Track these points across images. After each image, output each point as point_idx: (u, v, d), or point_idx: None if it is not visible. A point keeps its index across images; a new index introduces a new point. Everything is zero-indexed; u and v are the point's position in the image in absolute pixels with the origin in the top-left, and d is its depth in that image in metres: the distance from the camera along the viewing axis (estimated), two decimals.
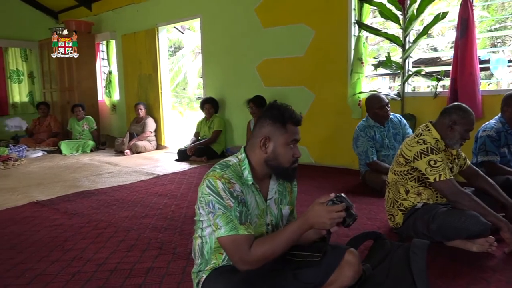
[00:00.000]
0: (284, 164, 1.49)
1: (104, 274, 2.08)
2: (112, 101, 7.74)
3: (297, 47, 5.01)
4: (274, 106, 1.53)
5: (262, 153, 1.50)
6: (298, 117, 1.51)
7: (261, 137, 1.49)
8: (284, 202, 1.62)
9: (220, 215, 1.38)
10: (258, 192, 1.52)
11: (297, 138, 1.51)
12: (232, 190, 1.41)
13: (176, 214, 3.11)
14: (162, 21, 6.58)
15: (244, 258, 1.36)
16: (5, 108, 8.00)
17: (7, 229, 2.87)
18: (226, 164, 1.49)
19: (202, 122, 6.05)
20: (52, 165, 5.60)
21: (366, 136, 3.63)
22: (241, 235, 1.36)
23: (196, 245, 1.53)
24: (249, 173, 1.49)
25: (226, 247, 1.39)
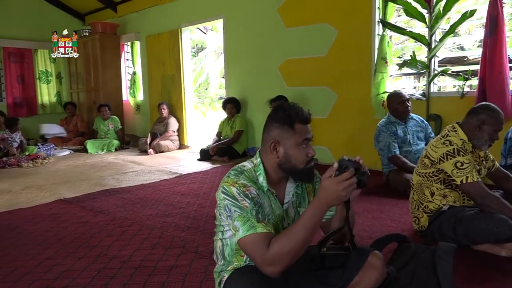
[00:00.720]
0: (299, 165, 1.42)
1: (129, 271, 2.12)
2: (136, 101, 7.87)
3: (319, 46, 4.97)
4: (279, 108, 1.47)
5: (274, 158, 1.44)
6: (305, 115, 1.43)
7: (270, 142, 1.43)
8: (303, 205, 1.56)
9: (237, 217, 1.34)
10: (274, 197, 1.47)
11: (308, 137, 1.43)
12: (248, 193, 1.37)
13: (199, 213, 3.14)
14: (185, 22, 6.66)
15: (265, 257, 1.27)
16: (34, 108, 8.26)
17: (36, 226, 2.97)
18: (240, 170, 1.45)
19: (224, 122, 6.08)
20: (79, 163, 5.74)
21: (388, 131, 3.64)
22: (259, 233, 1.29)
23: (217, 248, 1.52)
24: (264, 179, 1.44)
25: (247, 249, 1.33)
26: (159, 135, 6.63)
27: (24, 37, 7.98)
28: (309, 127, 1.45)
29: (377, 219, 2.87)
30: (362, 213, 3.00)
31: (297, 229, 1.28)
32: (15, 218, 3.17)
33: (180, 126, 6.86)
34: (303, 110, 1.44)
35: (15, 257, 2.35)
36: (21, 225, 2.99)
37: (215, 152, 5.60)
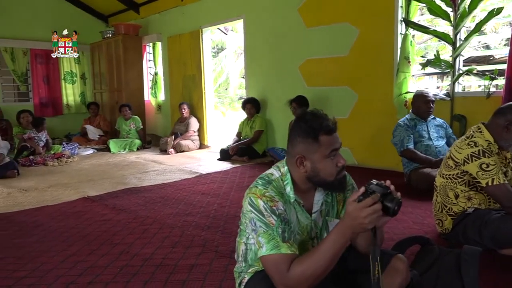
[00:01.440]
0: (328, 178, 1.36)
1: (150, 268, 2.15)
2: (158, 101, 7.98)
3: (340, 46, 4.93)
4: (301, 119, 1.39)
5: (302, 172, 1.38)
6: (330, 126, 1.34)
7: (296, 157, 1.37)
8: (331, 214, 1.50)
9: (262, 233, 1.30)
10: (300, 207, 1.42)
11: (336, 147, 1.35)
12: (275, 209, 1.32)
13: (219, 213, 3.16)
14: (206, 23, 6.70)
15: (284, 279, 1.24)
16: (59, 108, 8.47)
17: (61, 223, 3.04)
18: (268, 179, 1.41)
19: (244, 122, 6.10)
20: (102, 162, 5.85)
21: (404, 126, 3.68)
22: (283, 254, 1.26)
23: (240, 250, 1.50)
24: (291, 190, 1.39)
25: (268, 268, 1.29)
26: (180, 134, 6.70)
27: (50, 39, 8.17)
28: (335, 136, 1.36)
29: (398, 220, 2.82)
30: None
31: (319, 255, 1.23)
32: (41, 215, 3.26)
33: (200, 126, 6.92)
34: (327, 120, 1.36)
35: (41, 253, 2.42)
36: (47, 222, 3.07)
37: (235, 152, 5.62)
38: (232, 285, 1.85)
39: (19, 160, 5.70)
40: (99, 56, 8.35)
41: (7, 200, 3.77)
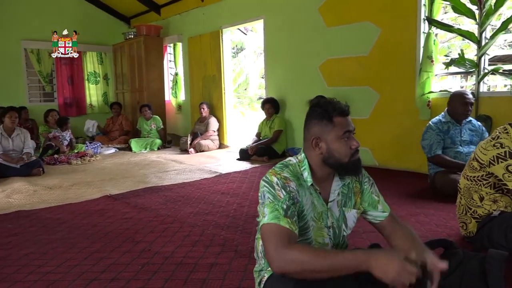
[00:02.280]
0: (343, 159, 1.42)
1: (171, 267, 2.17)
2: (178, 101, 8.06)
3: (362, 46, 4.88)
4: (316, 104, 1.48)
5: (317, 154, 1.44)
6: (343, 107, 1.42)
7: (312, 138, 1.45)
8: (349, 205, 1.53)
9: (267, 204, 1.36)
10: (317, 194, 1.46)
11: (349, 129, 1.42)
12: (286, 185, 1.38)
13: (238, 213, 3.17)
14: (226, 23, 6.74)
15: (278, 251, 1.23)
16: (83, 108, 8.66)
17: (84, 220, 3.11)
18: (285, 164, 1.48)
19: (263, 122, 6.11)
20: (123, 161, 5.95)
21: (436, 129, 3.46)
22: (282, 226, 1.29)
23: (259, 246, 1.52)
24: (308, 174, 1.45)
25: (265, 236, 1.31)
26: (199, 134, 6.75)
27: None
28: (349, 119, 1.44)
29: (421, 223, 2.77)
30: (405, 216, 2.92)
31: (324, 260, 1.19)
32: (65, 212, 3.34)
33: (220, 126, 6.96)
34: (340, 103, 1.44)
35: (66, 250, 2.48)
36: (71, 219, 3.14)
37: (254, 152, 5.63)
38: (252, 285, 1.85)
39: (44, 158, 5.85)
40: (121, 57, 8.50)
41: (33, 197, 3.88)
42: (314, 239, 1.47)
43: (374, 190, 1.58)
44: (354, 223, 1.57)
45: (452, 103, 3.51)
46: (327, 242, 1.49)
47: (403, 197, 3.45)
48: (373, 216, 1.57)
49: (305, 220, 1.43)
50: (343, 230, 1.54)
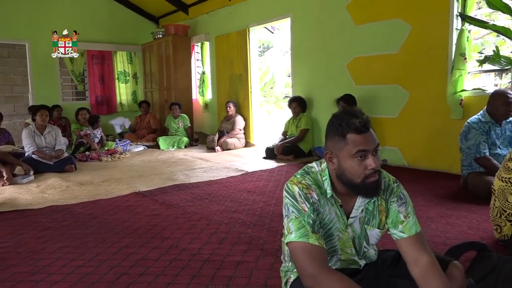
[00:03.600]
0: (354, 179, 1.31)
1: (198, 263, 2.20)
2: (205, 100, 8.14)
3: (391, 43, 4.78)
4: (334, 116, 1.37)
5: (331, 168, 1.37)
6: (357, 124, 1.28)
7: (326, 152, 1.38)
8: (372, 223, 1.44)
9: (293, 219, 1.32)
10: (337, 206, 1.40)
11: (364, 148, 1.28)
12: (309, 196, 1.34)
13: (264, 211, 3.18)
14: (253, 22, 6.75)
15: (314, 273, 1.23)
16: (113, 107, 8.87)
17: (114, 216, 3.19)
18: (307, 171, 1.43)
19: (289, 121, 6.09)
20: (151, 159, 6.07)
21: (480, 129, 3.31)
22: (311, 244, 1.27)
23: (285, 250, 1.51)
24: (328, 186, 1.38)
25: (295, 253, 1.29)
26: (226, 133, 6.79)
27: (105, 40, 8.62)
28: (366, 137, 1.29)
29: (452, 225, 2.70)
30: (435, 218, 2.85)
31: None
32: (96, 208, 3.44)
33: (246, 124, 6.98)
34: (357, 119, 1.29)
35: (97, 244, 2.55)
36: (102, 214, 3.23)
37: (281, 151, 5.62)
38: (278, 284, 1.85)
39: (76, 155, 6.03)
40: (150, 56, 8.65)
41: (65, 193, 4.01)
42: (340, 249, 1.43)
43: (403, 210, 1.42)
44: (377, 241, 1.49)
45: (492, 102, 3.34)
46: (354, 252, 1.45)
47: (433, 198, 3.36)
48: (392, 232, 1.44)
49: (328, 230, 1.39)
50: (364, 247, 1.47)
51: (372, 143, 1.30)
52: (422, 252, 1.34)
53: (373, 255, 1.52)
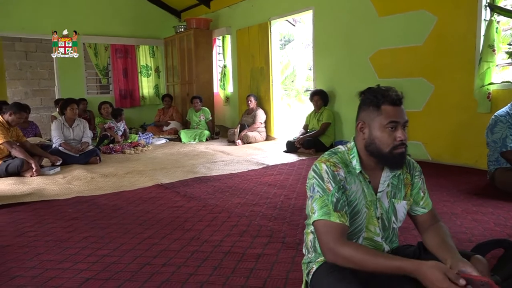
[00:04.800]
0: (383, 148, 1.39)
1: (219, 255, 2.22)
2: (226, 93, 8.17)
3: (415, 35, 4.68)
4: (369, 89, 1.45)
5: (361, 139, 1.44)
6: (393, 96, 1.37)
7: (358, 122, 1.46)
8: (399, 196, 1.51)
9: (317, 198, 1.39)
10: (366, 182, 1.46)
11: (396, 120, 1.37)
12: (336, 173, 1.40)
13: (285, 204, 3.18)
14: (274, 15, 6.71)
15: (332, 246, 1.32)
16: (136, 100, 9.01)
17: (137, 207, 3.25)
18: (334, 151, 1.50)
19: (311, 114, 6.05)
20: (173, 151, 6.14)
21: (507, 123, 3.20)
22: (332, 221, 1.34)
23: (309, 241, 1.53)
24: (357, 162, 1.44)
25: (318, 231, 1.38)
26: (247, 126, 6.81)
27: (128, 35, 8.73)
28: (399, 110, 1.39)
29: (478, 221, 2.64)
30: (461, 214, 2.79)
31: (374, 262, 1.26)
32: (120, 199, 3.51)
33: (267, 117, 6.97)
34: (392, 92, 1.39)
35: (121, 235, 2.61)
36: (125, 206, 3.30)
37: (301, 144, 5.59)
38: (299, 277, 1.86)
39: (100, 147, 6.16)
40: (172, 50, 8.73)
41: (90, 184, 4.11)
42: (365, 226, 1.47)
43: (422, 186, 1.55)
44: (405, 215, 1.55)
45: None
46: (378, 232, 1.48)
47: (458, 194, 3.29)
48: (412, 209, 1.55)
49: (355, 207, 1.43)
50: (393, 222, 1.52)
51: (404, 116, 1.39)
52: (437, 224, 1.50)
53: (396, 239, 1.55)
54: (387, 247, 1.50)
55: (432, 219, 1.52)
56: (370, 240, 1.48)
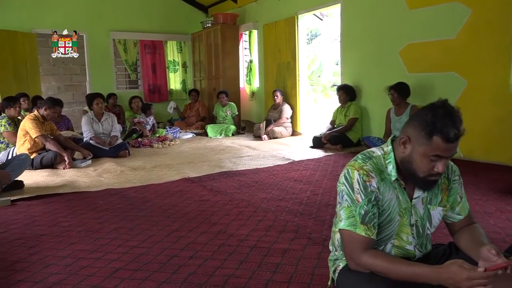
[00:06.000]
0: (418, 172, 1.32)
1: (245, 249, 2.24)
2: (252, 88, 8.18)
3: (447, 28, 4.53)
4: (433, 108, 1.28)
5: (400, 151, 1.36)
6: (452, 134, 1.23)
7: (404, 136, 1.35)
8: (434, 202, 1.45)
9: (345, 207, 1.37)
10: (401, 189, 1.40)
11: (442, 155, 1.27)
12: (368, 184, 1.34)
13: (311, 200, 3.16)
14: (302, 9, 6.65)
15: (353, 257, 1.35)
16: (164, 95, 9.15)
17: (165, 200, 3.31)
18: (369, 155, 1.42)
19: (338, 110, 5.98)
20: (200, 146, 6.21)
21: None
22: (357, 234, 1.33)
23: (336, 239, 1.52)
24: (393, 168, 1.38)
25: (343, 239, 1.40)
26: (273, 121, 6.80)
27: (156, 30, 8.86)
28: (451, 146, 1.26)
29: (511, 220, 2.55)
30: (494, 213, 2.70)
31: (396, 270, 1.26)
32: (148, 192, 3.58)
33: (293, 113, 6.94)
34: (453, 129, 1.23)
35: (149, 227, 2.66)
36: (153, 198, 3.37)
37: (328, 140, 5.54)
38: (325, 273, 1.85)
39: (129, 141, 6.30)
40: (199, 45, 8.80)
41: (120, 177, 4.21)
42: (396, 234, 1.42)
43: (460, 191, 1.48)
44: (439, 221, 1.49)
45: None
46: (410, 240, 1.43)
47: (491, 192, 3.19)
48: (447, 216, 1.50)
49: (388, 216, 1.39)
50: (427, 229, 1.47)
51: (453, 151, 1.29)
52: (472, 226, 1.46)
53: (429, 244, 1.51)
54: (419, 253, 1.46)
55: (466, 224, 1.47)
56: (402, 248, 1.44)
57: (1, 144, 4.84)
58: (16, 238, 2.51)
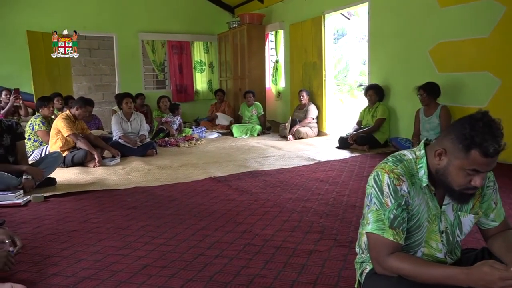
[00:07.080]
0: (453, 186, 1.27)
1: (271, 249, 2.24)
2: (278, 88, 8.17)
3: (480, 26, 4.39)
4: (473, 120, 1.22)
5: (435, 162, 1.31)
6: (492, 149, 1.17)
7: (439, 148, 1.29)
8: (465, 209, 1.40)
9: (373, 210, 1.33)
10: (431, 195, 1.36)
11: (480, 169, 1.22)
12: (398, 188, 1.30)
13: (337, 201, 3.13)
14: (329, 8, 6.59)
15: (379, 260, 1.32)
16: (191, 95, 9.26)
17: (191, 199, 3.35)
18: (400, 158, 1.37)
19: (365, 110, 5.89)
20: (225, 145, 6.25)
21: None
22: (385, 238, 1.30)
23: (362, 242, 1.50)
24: (425, 173, 1.33)
25: (369, 243, 1.37)
26: (298, 121, 6.77)
27: (184, 31, 8.98)
28: (491, 161, 1.21)
29: None
30: None
31: (423, 272, 1.23)
32: (175, 191, 3.63)
33: (319, 113, 6.89)
34: (493, 144, 1.18)
35: (175, 225, 2.70)
36: (180, 197, 3.41)
37: (355, 141, 5.47)
38: (351, 275, 1.83)
39: (156, 140, 6.41)
40: (225, 45, 8.86)
41: (147, 175, 4.29)
42: (425, 241, 1.39)
43: (494, 197, 1.42)
44: (471, 228, 1.44)
45: None
46: (440, 248, 1.40)
47: None
48: (481, 222, 1.44)
49: (416, 221, 1.36)
50: (457, 236, 1.42)
51: (492, 166, 1.24)
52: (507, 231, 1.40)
53: (459, 250, 1.47)
54: (450, 261, 1.42)
55: (502, 229, 1.42)
56: (432, 256, 1.40)
57: (35, 143, 5.03)
58: (49, 233, 2.59)
